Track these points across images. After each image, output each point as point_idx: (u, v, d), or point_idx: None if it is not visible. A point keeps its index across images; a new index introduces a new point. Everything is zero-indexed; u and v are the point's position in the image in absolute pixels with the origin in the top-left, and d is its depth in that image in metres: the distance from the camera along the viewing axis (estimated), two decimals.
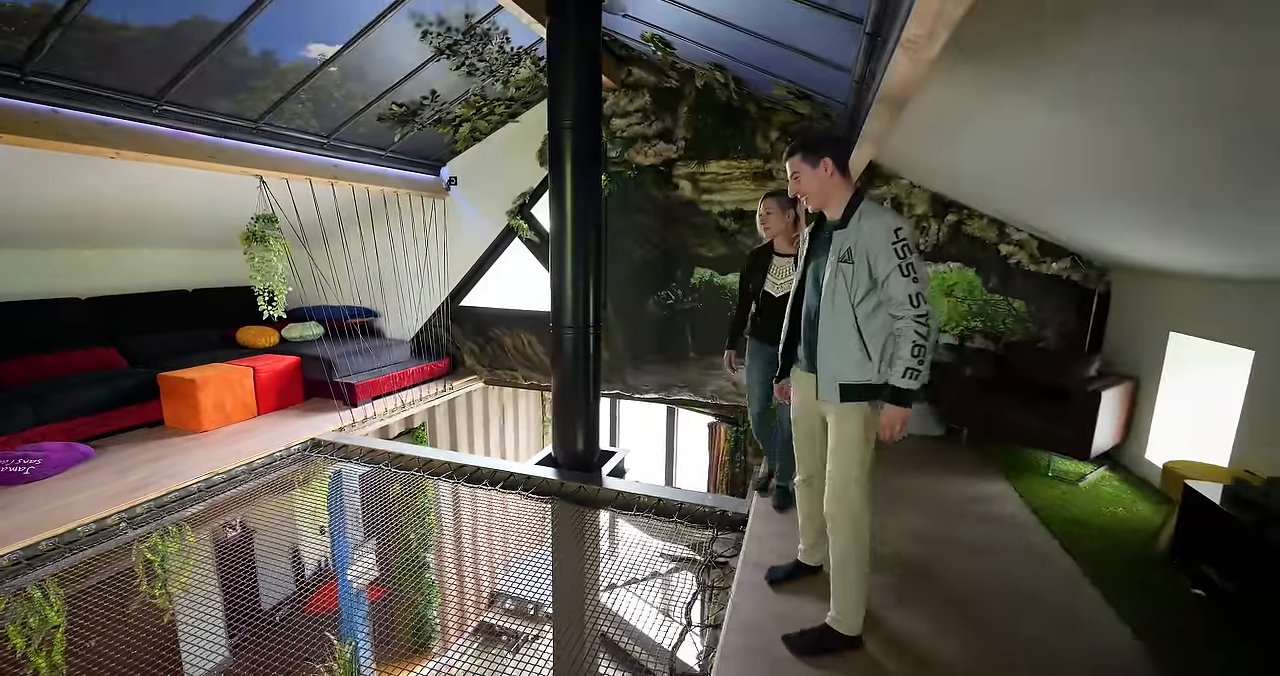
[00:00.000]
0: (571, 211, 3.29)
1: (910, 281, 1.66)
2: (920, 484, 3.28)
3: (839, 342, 1.78)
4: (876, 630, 2.02)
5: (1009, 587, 2.31)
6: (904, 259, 1.66)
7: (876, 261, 1.69)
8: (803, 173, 1.81)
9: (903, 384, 1.70)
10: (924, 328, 1.67)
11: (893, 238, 1.67)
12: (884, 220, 1.70)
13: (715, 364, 5.07)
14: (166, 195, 3.86)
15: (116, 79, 2.84)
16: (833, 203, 1.82)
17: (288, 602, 4.40)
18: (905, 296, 1.67)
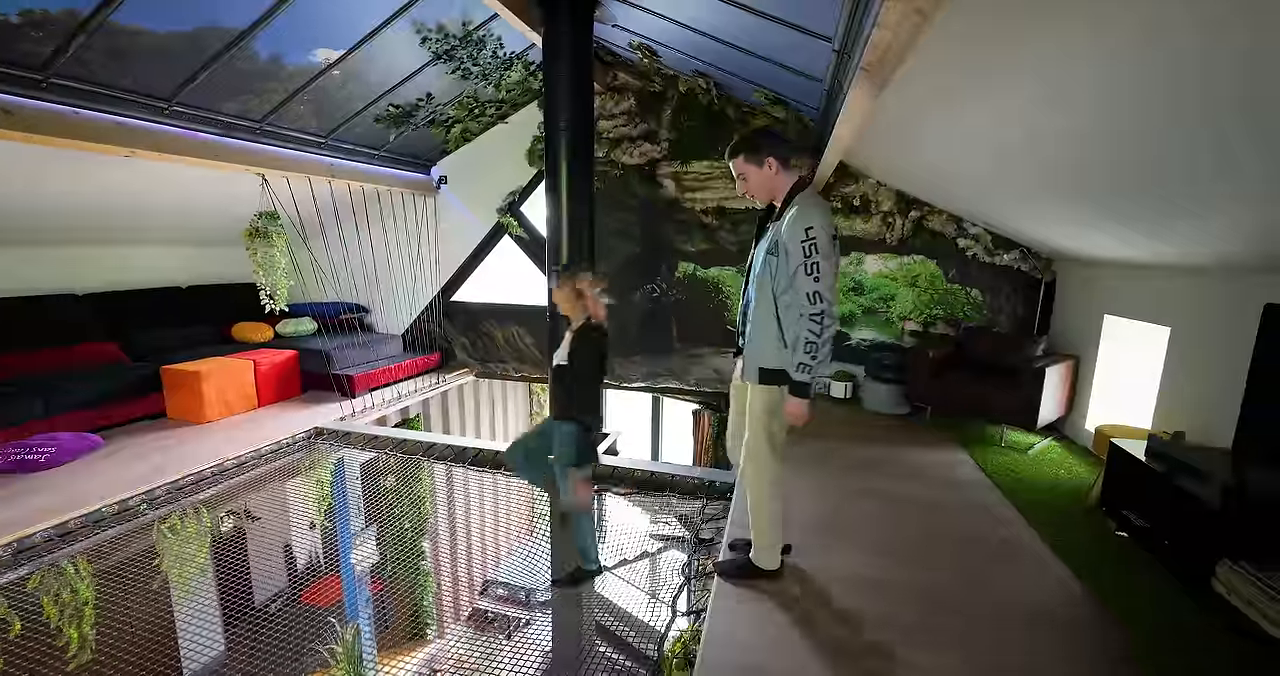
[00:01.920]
0: (567, 202, 3.53)
1: (811, 280, 1.71)
2: (885, 454, 3.62)
3: (762, 329, 1.88)
4: (841, 566, 2.32)
5: (960, 533, 2.65)
6: (809, 258, 1.71)
7: (789, 257, 1.75)
8: (748, 172, 1.86)
9: (797, 376, 1.80)
10: (817, 325, 1.73)
11: (802, 236, 1.72)
12: (801, 219, 1.74)
13: (699, 353, 5.36)
14: (170, 194, 3.96)
15: (132, 81, 2.97)
16: (779, 195, 1.88)
17: (299, 583, 4.53)
18: (804, 294, 1.73)
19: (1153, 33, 1.33)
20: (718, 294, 5.21)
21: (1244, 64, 1.28)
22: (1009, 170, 2.87)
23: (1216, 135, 1.64)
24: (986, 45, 1.78)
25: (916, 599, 2.15)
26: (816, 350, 1.76)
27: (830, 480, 3.21)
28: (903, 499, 2.98)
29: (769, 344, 1.87)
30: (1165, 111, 1.65)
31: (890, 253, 4.67)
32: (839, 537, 2.59)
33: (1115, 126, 1.89)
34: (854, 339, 4.92)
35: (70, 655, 2.72)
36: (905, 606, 2.11)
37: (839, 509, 2.88)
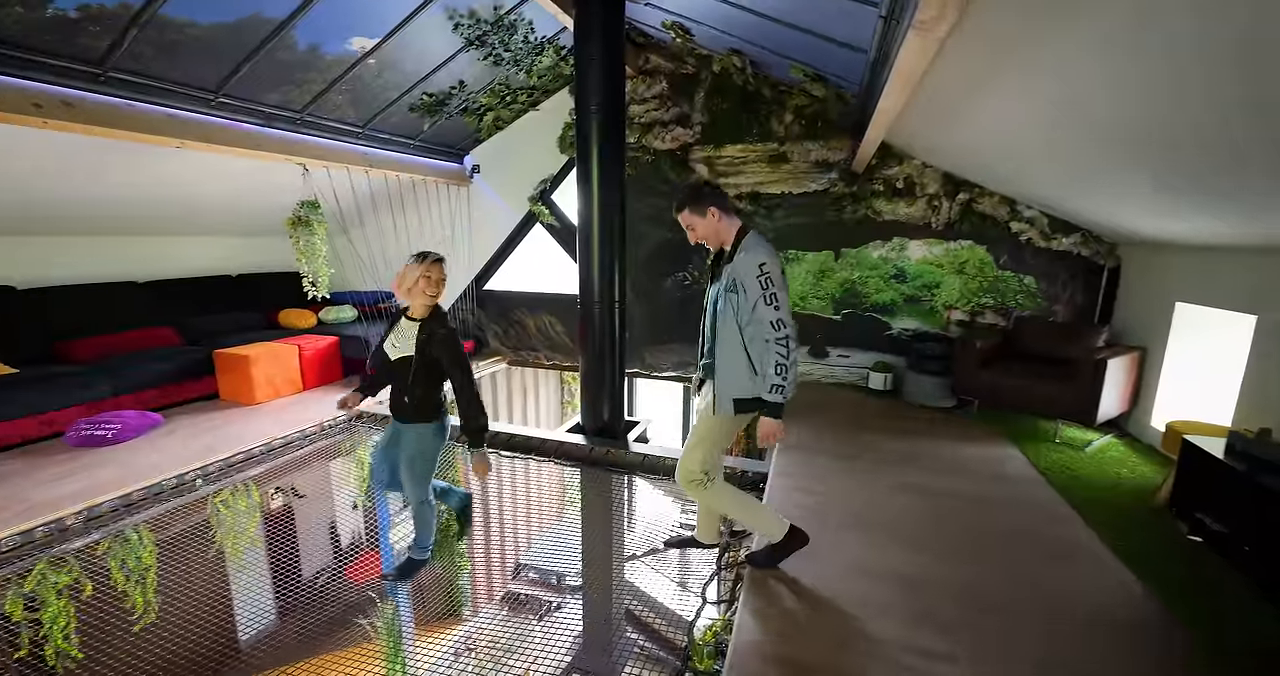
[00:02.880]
0: (598, 190, 3.49)
1: (772, 309, 1.89)
2: (927, 448, 3.46)
3: (731, 362, 2.02)
4: (878, 561, 2.22)
5: (1007, 529, 2.50)
6: (766, 290, 1.89)
7: (748, 292, 1.92)
8: (695, 223, 2.04)
9: (771, 398, 1.94)
10: (784, 348, 1.90)
11: (757, 271, 1.90)
12: (753, 257, 1.93)
13: None
14: (217, 185, 4.12)
15: (182, 74, 3.08)
16: (725, 240, 2.07)
17: (344, 559, 4.70)
18: (768, 322, 1.90)
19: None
20: None
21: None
22: (1072, 144, 2.66)
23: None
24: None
25: (958, 595, 2.04)
26: (787, 371, 1.92)
27: (867, 474, 3.09)
28: (945, 494, 2.84)
29: (740, 375, 2.02)
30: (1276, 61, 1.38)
31: (935, 238, 4.45)
32: (876, 532, 2.49)
33: (1211, 83, 1.65)
34: (895, 328, 4.73)
35: (136, 617, 2.90)
36: (946, 602, 2.00)
37: (876, 503, 2.77)
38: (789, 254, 4.92)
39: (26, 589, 2.36)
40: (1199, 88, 1.67)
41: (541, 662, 2.90)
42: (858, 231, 4.66)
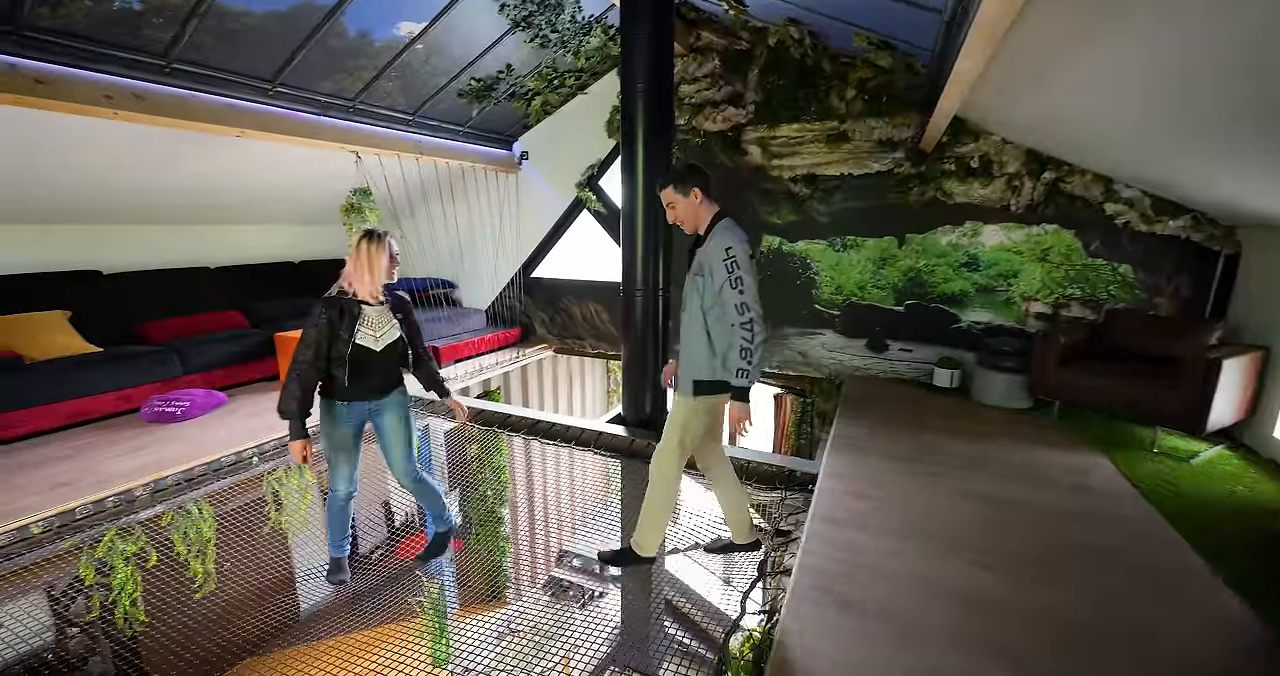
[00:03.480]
0: (643, 174, 3.35)
1: (737, 293, 1.90)
2: (996, 453, 3.14)
3: (695, 344, 2.05)
4: (934, 575, 2.00)
5: (1089, 548, 2.21)
6: (732, 273, 1.90)
7: (714, 275, 1.93)
8: (677, 202, 2.06)
9: (736, 382, 1.96)
10: (749, 332, 1.91)
11: (723, 255, 1.91)
12: (720, 240, 1.95)
13: (782, 334, 5.01)
14: (276, 174, 4.27)
15: (240, 64, 3.17)
16: (703, 225, 2.08)
17: (395, 537, 4.86)
18: (732, 305, 1.91)
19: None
20: (805, 270, 4.81)
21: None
22: (1187, 106, 2.28)
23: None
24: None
25: (1032, 623, 1.80)
26: (751, 356, 1.92)
27: (927, 478, 2.83)
28: (1017, 504, 2.56)
29: (701, 357, 2.06)
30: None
31: (1015, 222, 4.03)
32: (936, 542, 2.26)
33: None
34: (964, 321, 4.35)
35: (197, 585, 3.07)
36: (1012, 627, 1.78)
37: (936, 510, 2.52)
38: (846, 240, 4.61)
39: (98, 555, 2.51)
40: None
41: (581, 650, 2.86)
42: (925, 215, 4.30)
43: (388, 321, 2.32)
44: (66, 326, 3.66)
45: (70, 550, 2.47)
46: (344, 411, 2.34)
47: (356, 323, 2.22)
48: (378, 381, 2.36)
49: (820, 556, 2.20)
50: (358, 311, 2.23)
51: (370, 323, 2.27)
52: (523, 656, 3.69)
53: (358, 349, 2.23)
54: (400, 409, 2.49)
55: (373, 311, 2.27)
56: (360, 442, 2.49)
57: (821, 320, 4.86)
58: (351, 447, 2.45)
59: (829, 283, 4.78)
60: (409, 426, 2.52)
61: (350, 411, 2.36)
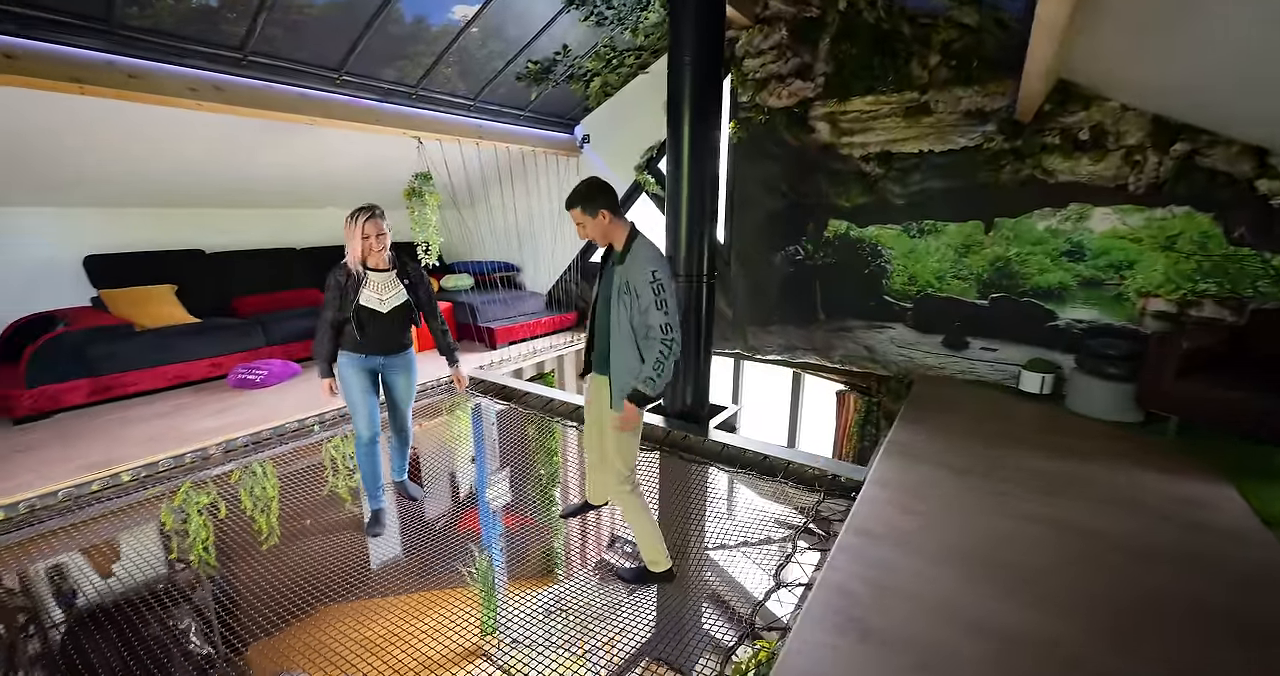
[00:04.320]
0: (688, 153, 3.18)
1: (662, 314, 2.04)
2: (1092, 473, 2.70)
3: (625, 358, 2.16)
4: (985, 614, 1.73)
5: (1203, 604, 1.82)
6: (658, 295, 2.03)
7: (640, 297, 2.05)
8: (586, 222, 2.14)
9: (641, 386, 2.12)
10: (667, 348, 2.07)
11: (650, 278, 2.03)
12: (644, 265, 2.05)
13: (846, 326, 4.65)
14: (345, 160, 4.52)
15: (308, 54, 3.35)
16: (615, 241, 2.18)
17: (457, 508, 5.11)
18: (658, 324, 2.05)
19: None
20: (874, 258, 4.41)
21: None
22: None
23: None
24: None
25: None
26: (663, 367, 2.09)
27: (993, 496, 2.49)
28: (1105, 538, 2.18)
29: (633, 369, 2.16)
30: None
31: (1133, 204, 3.43)
32: (984, 573, 1.97)
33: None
34: (1062, 318, 3.79)
35: (263, 538, 3.37)
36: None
37: (995, 535, 2.20)
38: (924, 225, 4.17)
39: (175, 503, 2.81)
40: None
41: (627, 634, 2.83)
42: (1019, 196, 3.77)
43: (394, 287, 2.59)
44: (173, 299, 4.13)
45: (153, 498, 2.78)
46: (358, 362, 2.65)
47: (361, 286, 2.52)
48: (386, 340, 2.65)
49: (846, 573, 1.99)
50: (361, 277, 2.53)
51: (375, 286, 2.55)
52: (569, 634, 3.75)
53: (363, 309, 2.54)
54: (407, 368, 2.79)
55: (379, 277, 2.56)
56: (376, 391, 2.78)
57: (892, 313, 4.44)
58: (367, 393, 2.72)
59: (902, 272, 4.35)
60: (411, 385, 2.85)
61: (363, 362, 2.66)
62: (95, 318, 3.69)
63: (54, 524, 2.53)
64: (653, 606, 3.51)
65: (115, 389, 3.51)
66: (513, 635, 3.81)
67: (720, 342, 5.44)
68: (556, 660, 2.85)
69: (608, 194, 2.16)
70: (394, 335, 2.67)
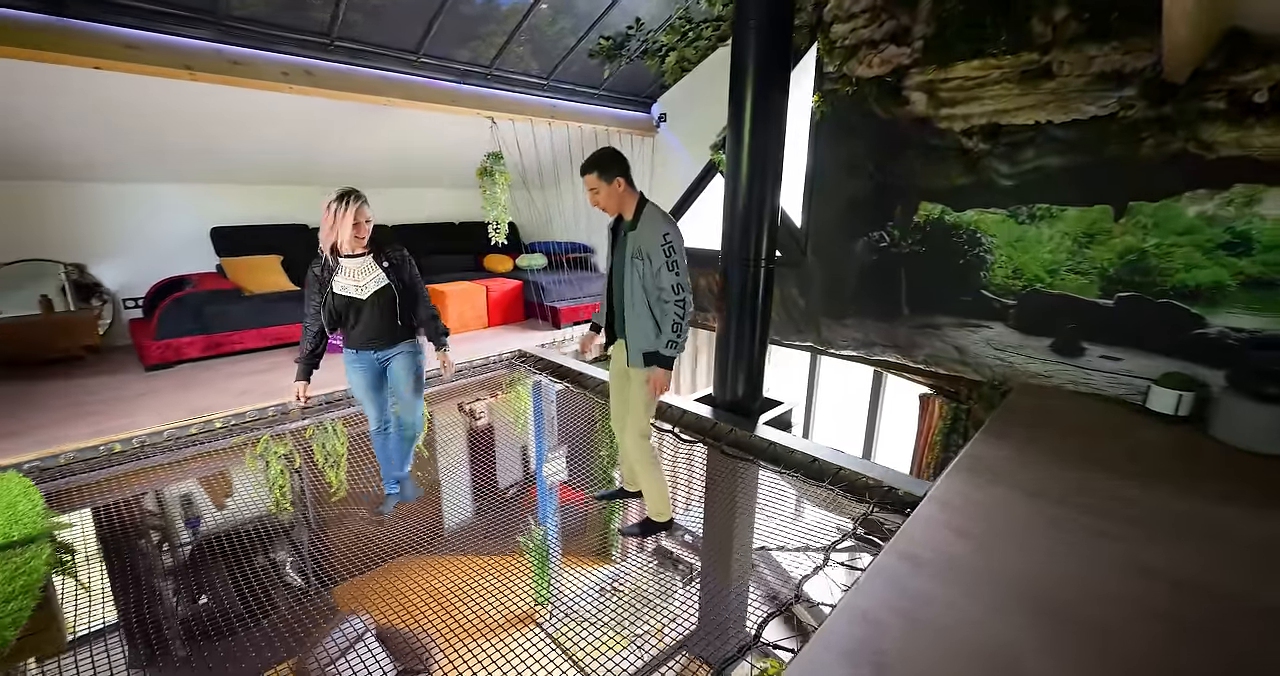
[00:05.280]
0: (750, 126, 2.95)
1: (674, 274, 2.17)
2: (1234, 520, 2.18)
3: (640, 321, 2.29)
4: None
5: None
6: (669, 257, 2.15)
7: (652, 260, 2.16)
8: (600, 188, 2.22)
9: (666, 352, 2.27)
10: (680, 309, 2.20)
11: (661, 241, 2.15)
12: (656, 227, 2.17)
13: (934, 323, 4.16)
14: (430, 139, 4.75)
15: (387, 37, 3.51)
16: (626, 210, 2.29)
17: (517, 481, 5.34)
18: (669, 286, 2.18)
19: None
20: (972, 246, 3.88)
21: None
22: None
23: None
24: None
25: None
26: (681, 330, 2.23)
27: (1082, 533, 2.09)
28: (1238, 604, 1.73)
29: (648, 333, 2.30)
30: None
31: None
32: (1056, 626, 1.64)
33: None
34: (1213, 326, 3.11)
35: (333, 491, 3.69)
36: None
37: (1079, 583, 1.84)
38: (1035, 210, 3.59)
39: (256, 452, 3.14)
40: None
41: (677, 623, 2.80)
42: (1164, 176, 3.11)
43: (370, 272, 2.43)
44: (278, 268, 4.59)
45: (238, 446, 3.12)
46: (353, 357, 2.60)
47: (334, 274, 2.39)
48: (374, 331, 2.51)
49: (875, 600, 1.75)
50: (335, 264, 2.40)
51: (350, 273, 2.41)
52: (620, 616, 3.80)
53: (340, 298, 2.40)
54: (408, 361, 2.64)
55: (353, 263, 2.41)
56: (380, 387, 2.70)
57: (990, 310, 3.90)
58: (369, 389, 2.66)
59: (1005, 263, 3.79)
60: (415, 379, 2.69)
61: (359, 358, 2.59)
62: (214, 282, 4.21)
63: (160, 459, 2.92)
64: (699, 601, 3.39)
65: (224, 346, 3.99)
66: (565, 608, 3.91)
67: (791, 334, 5.13)
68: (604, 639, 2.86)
69: (622, 163, 2.24)
70: (381, 324, 2.50)
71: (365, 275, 2.43)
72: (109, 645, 1.92)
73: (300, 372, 2.54)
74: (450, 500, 4.27)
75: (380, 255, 2.45)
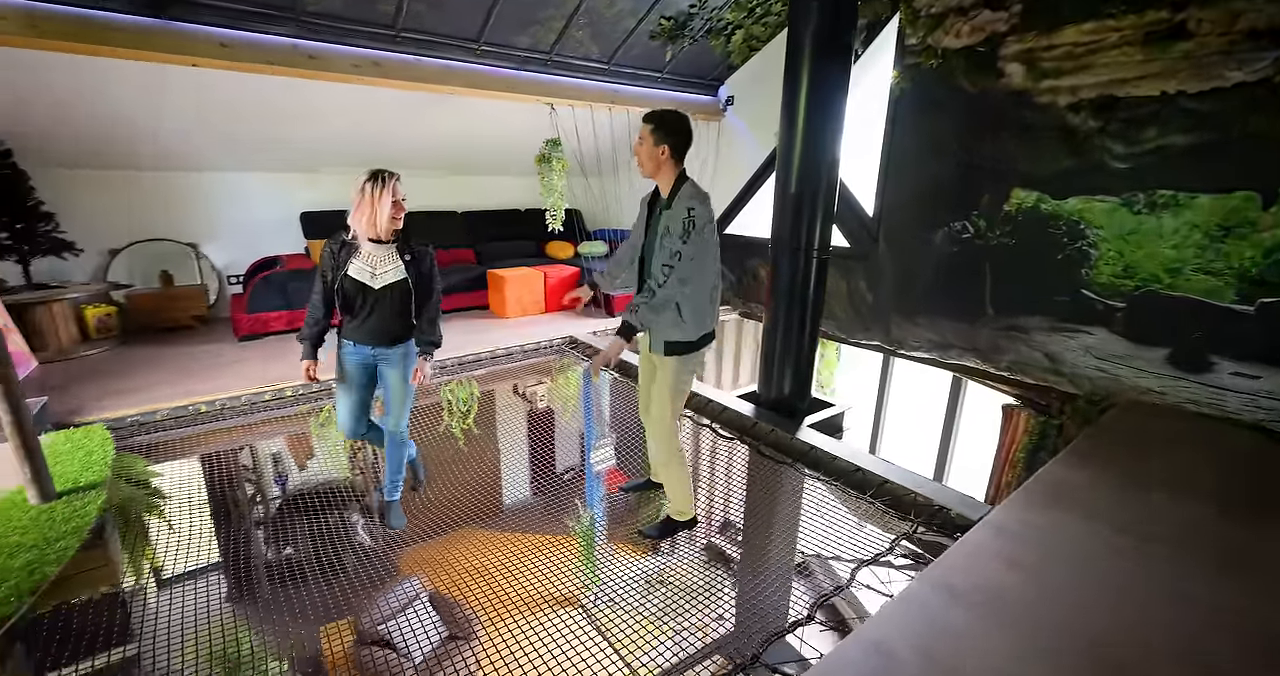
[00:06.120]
0: (805, 103, 2.73)
1: (681, 241, 2.00)
2: None
3: (664, 306, 2.12)
4: None
5: None
6: (687, 231, 1.99)
7: (673, 234, 2.02)
8: (647, 141, 2.08)
9: (624, 315, 2.10)
10: (665, 278, 2.04)
11: (684, 214, 2.00)
12: (684, 202, 2.03)
13: (1022, 326, 3.70)
14: (496, 127, 4.86)
15: (449, 28, 3.61)
16: (660, 179, 2.14)
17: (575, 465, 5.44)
18: (670, 251, 2.02)
19: None
20: (1073, 239, 3.39)
21: None
22: None
23: None
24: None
25: None
26: (653, 297, 2.06)
27: (1169, 582, 1.75)
28: None
29: (673, 318, 2.13)
30: None
31: None
32: None
33: None
34: None
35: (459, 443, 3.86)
36: None
37: (1155, 645, 1.54)
38: (1156, 197, 3.06)
39: (319, 419, 3.39)
40: None
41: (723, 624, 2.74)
42: None
43: (391, 262, 2.27)
44: None
45: (303, 413, 3.39)
46: (348, 349, 2.38)
47: (352, 256, 2.24)
48: (378, 324, 2.33)
49: (895, 631, 1.57)
50: (357, 246, 2.25)
51: (368, 258, 2.24)
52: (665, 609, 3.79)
53: (352, 281, 2.23)
54: (402, 365, 2.43)
55: (375, 250, 2.25)
56: (367, 387, 2.48)
57: (1091, 313, 3.40)
58: (353, 385, 2.43)
59: (1113, 260, 3.27)
60: (404, 381, 2.46)
61: (354, 352, 2.38)
62: (300, 262, 4.59)
63: (235, 421, 3.24)
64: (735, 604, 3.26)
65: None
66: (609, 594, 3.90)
67: (858, 332, 4.79)
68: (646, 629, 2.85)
69: (680, 134, 2.08)
70: (386, 319, 2.32)
71: (384, 264, 2.27)
72: (209, 582, 2.16)
73: (306, 351, 2.38)
74: (506, 478, 4.42)
75: (404, 247, 2.32)
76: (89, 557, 1.49)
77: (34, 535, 1.45)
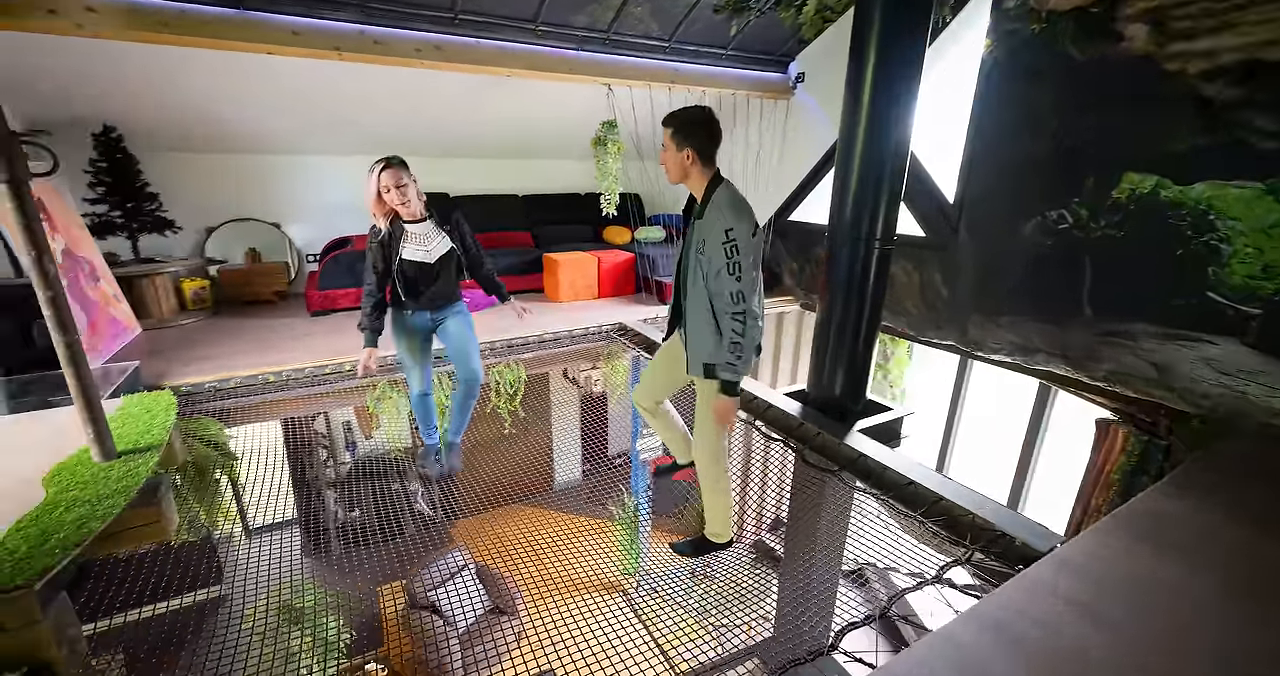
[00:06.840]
0: (871, 83, 2.47)
1: (734, 280, 1.82)
2: None
3: (700, 323, 1.96)
4: None
5: None
6: (731, 258, 1.81)
7: (712, 259, 1.85)
8: (670, 147, 1.90)
9: (723, 374, 1.94)
10: (740, 324, 1.87)
11: (723, 238, 1.81)
12: (721, 219, 1.83)
13: (1126, 330, 3.23)
14: (559, 111, 4.82)
15: (507, 9, 3.58)
16: (691, 185, 1.96)
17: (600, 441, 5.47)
18: (728, 294, 1.84)
19: None
20: (1199, 232, 2.89)
21: None
22: None
23: None
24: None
25: None
26: (741, 350, 1.90)
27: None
28: None
29: (708, 338, 1.96)
30: None
31: None
32: None
33: None
34: None
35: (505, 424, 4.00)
36: None
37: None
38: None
39: (375, 396, 3.55)
40: None
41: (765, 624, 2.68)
42: None
43: (437, 235, 2.53)
44: None
45: (361, 387, 3.56)
46: (409, 319, 2.61)
47: (401, 240, 2.44)
48: (440, 289, 2.59)
49: (920, 671, 1.40)
50: (400, 231, 2.45)
51: (416, 239, 2.47)
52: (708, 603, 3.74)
53: (409, 263, 2.47)
54: (464, 318, 2.74)
55: (418, 228, 2.49)
56: (428, 350, 2.75)
57: (1219, 320, 2.90)
58: (419, 352, 2.70)
59: (1251, 257, 2.76)
60: (466, 330, 2.75)
61: (415, 319, 2.61)
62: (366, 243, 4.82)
63: (299, 392, 3.45)
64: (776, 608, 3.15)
65: None
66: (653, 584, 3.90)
67: (929, 329, 4.41)
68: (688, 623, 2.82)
69: (701, 134, 1.86)
70: (445, 286, 2.61)
71: (431, 239, 2.53)
72: (286, 535, 2.38)
73: (369, 339, 2.57)
74: (555, 460, 4.48)
75: (444, 219, 2.58)
76: (136, 515, 1.62)
77: (90, 491, 1.58)
